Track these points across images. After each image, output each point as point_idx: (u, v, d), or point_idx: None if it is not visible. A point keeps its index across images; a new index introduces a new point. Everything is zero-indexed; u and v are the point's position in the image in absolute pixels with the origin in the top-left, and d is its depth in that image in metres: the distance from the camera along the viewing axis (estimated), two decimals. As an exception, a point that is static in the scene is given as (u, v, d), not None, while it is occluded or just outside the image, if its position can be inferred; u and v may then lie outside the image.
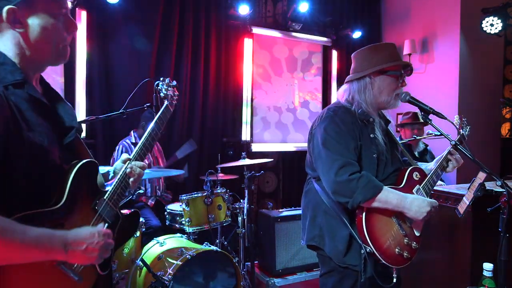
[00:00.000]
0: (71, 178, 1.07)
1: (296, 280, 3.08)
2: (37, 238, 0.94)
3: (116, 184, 1.24)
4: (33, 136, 1.01)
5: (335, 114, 1.69)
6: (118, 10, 3.64)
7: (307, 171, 1.84)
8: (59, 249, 0.97)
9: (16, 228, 0.91)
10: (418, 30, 4.81)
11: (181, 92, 4.04)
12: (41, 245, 0.94)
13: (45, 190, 1.04)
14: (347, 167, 1.56)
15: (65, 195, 1.05)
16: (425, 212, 1.59)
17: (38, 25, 1.06)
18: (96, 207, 1.16)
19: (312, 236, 1.74)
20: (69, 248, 0.99)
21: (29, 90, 1.05)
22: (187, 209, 2.82)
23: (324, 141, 1.64)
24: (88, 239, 1.03)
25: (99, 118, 2.00)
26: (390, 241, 1.61)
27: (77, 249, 1.00)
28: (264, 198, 4.74)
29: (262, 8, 4.69)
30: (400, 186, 1.69)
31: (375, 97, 1.72)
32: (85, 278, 1.09)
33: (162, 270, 2.39)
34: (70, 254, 0.99)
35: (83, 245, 1.01)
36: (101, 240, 1.06)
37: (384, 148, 1.72)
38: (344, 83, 1.82)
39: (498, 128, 4.88)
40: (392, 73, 1.71)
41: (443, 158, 1.83)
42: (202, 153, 4.17)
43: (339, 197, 1.57)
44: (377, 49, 1.76)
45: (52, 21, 1.08)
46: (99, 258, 1.07)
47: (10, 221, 0.91)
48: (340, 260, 1.64)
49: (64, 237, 0.99)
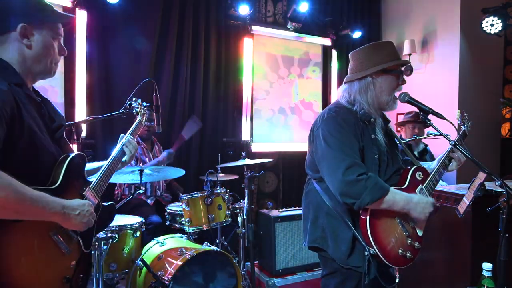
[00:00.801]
0: (65, 165, 1.28)
1: (296, 280, 3.08)
2: (42, 197, 1.13)
3: (101, 173, 1.49)
4: (32, 124, 1.20)
5: (337, 115, 1.66)
6: (118, 10, 3.63)
7: (307, 172, 1.82)
8: (58, 210, 1.18)
9: (25, 187, 1.09)
10: (418, 30, 4.81)
11: (181, 92, 4.05)
12: (45, 202, 1.13)
13: (44, 171, 1.25)
14: (355, 168, 1.54)
15: (60, 179, 1.25)
16: (428, 212, 1.61)
17: (41, 41, 1.29)
18: (83, 193, 1.37)
19: (315, 238, 1.72)
20: (65, 210, 1.20)
21: (26, 91, 1.26)
22: (187, 209, 2.82)
23: (328, 142, 1.61)
24: (80, 207, 1.26)
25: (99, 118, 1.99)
26: (393, 242, 1.60)
27: (72, 214, 1.22)
28: (264, 198, 4.74)
29: (262, 8, 4.69)
30: (403, 186, 1.68)
31: (377, 97, 1.70)
32: (72, 252, 1.30)
33: (162, 270, 2.39)
34: (66, 216, 1.20)
35: (77, 211, 1.24)
36: (90, 210, 1.30)
37: (385, 148, 1.71)
38: (344, 83, 1.79)
39: (498, 128, 4.88)
40: (394, 72, 1.70)
41: (445, 156, 1.83)
42: (202, 153, 4.17)
43: (346, 198, 1.55)
44: (378, 48, 1.73)
45: (52, 41, 1.32)
46: (87, 224, 1.28)
47: (20, 182, 1.08)
48: (343, 262, 1.63)
49: (62, 201, 1.20)
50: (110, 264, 2.42)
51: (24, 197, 1.07)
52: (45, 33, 1.30)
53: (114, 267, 2.44)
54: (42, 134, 1.23)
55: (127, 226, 2.50)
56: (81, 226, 1.27)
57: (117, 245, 2.44)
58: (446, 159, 1.82)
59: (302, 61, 4.99)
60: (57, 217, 1.18)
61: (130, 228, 2.52)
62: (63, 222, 1.22)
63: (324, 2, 4.91)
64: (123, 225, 2.49)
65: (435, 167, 1.81)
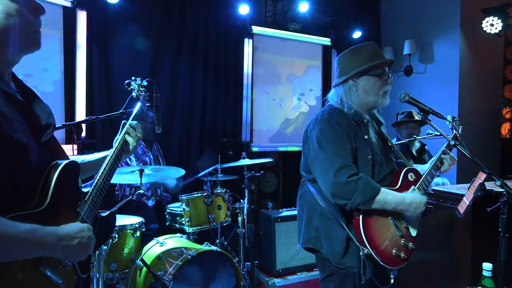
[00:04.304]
0: (55, 179, 1.03)
1: (296, 280, 3.08)
2: (30, 231, 0.91)
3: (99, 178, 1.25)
4: (11, 131, 0.96)
5: (330, 117, 1.69)
6: (118, 10, 3.63)
7: (302, 173, 1.84)
8: (52, 243, 0.96)
9: (7, 222, 0.88)
10: (418, 30, 4.80)
11: (181, 92, 4.05)
12: (35, 237, 0.92)
13: (25, 188, 1.00)
14: (346, 169, 1.56)
15: (49, 197, 1.02)
16: (420, 210, 1.65)
17: (0, 12, 0.99)
18: (78, 209, 1.14)
19: (308, 239, 1.74)
20: (61, 242, 0.98)
21: (1, 86, 1.00)
22: (187, 209, 2.82)
23: (321, 143, 1.64)
24: (79, 233, 1.03)
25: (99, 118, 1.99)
26: (387, 242, 1.62)
27: (70, 244, 1.00)
28: (264, 198, 4.74)
29: (262, 8, 4.69)
30: (396, 187, 1.70)
31: (360, 98, 1.72)
32: (67, 282, 1.07)
33: (162, 270, 2.39)
34: (63, 249, 0.99)
35: (75, 240, 1.01)
36: (91, 235, 1.07)
37: (378, 149, 1.73)
38: (332, 87, 1.83)
39: (498, 128, 4.87)
40: (374, 73, 1.71)
41: (437, 158, 1.84)
42: (202, 153, 4.17)
43: (338, 199, 1.57)
44: (357, 51, 1.76)
45: (15, 6, 1.01)
46: (86, 255, 1.08)
47: (0, 217, 0.88)
48: (338, 262, 1.64)
49: (56, 231, 0.98)
50: (110, 264, 2.42)
51: (7, 237, 0.86)
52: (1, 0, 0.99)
53: (114, 267, 2.44)
54: (22, 139, 0.98)
55: (127, 226, 2.50)
56: (80, 256, 1.06)
57: (117, 245, 2.44)
58: (438, 161, 1.84)
59: (302, 61, 4.98)
60: (54, 252, 0.99)
61: (130, 228, 2.52)
62: (61, 256, 1.02)
63: (324, 2, 4.91)
64: (123, 225, 2.49)
65: (427, 169, 1.82)
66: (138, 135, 1.43)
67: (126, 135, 1.41)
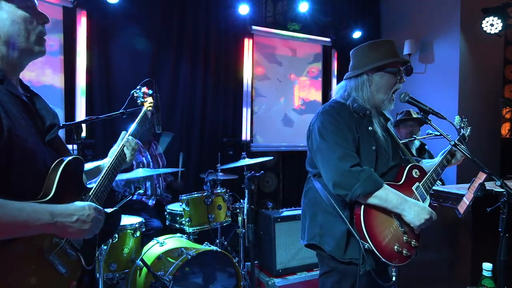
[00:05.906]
0: (59, 173, 1.08)
1: (296, 280, 3.08)
2: (23, 208, 0.94)
3: (102, 177, 1.29)
4: (14, 127, 1.00)
5: (331, 108, 1.70)
6: (118, 10, 3.64)
7: (307, 168, 1.83)
8: (46, 220, 0.97)
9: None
10: (418, 30, 4.80)
11: (181, 92, 4.05)
12: (26, 215, 0.94)
13: (31, 185, 1.05)
14: (347, 158, 1.56)
15: (53, 190, 1.06)
16: (423, 219, 1.58)
17: (7, 19, 1.05)
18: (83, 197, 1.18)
19: (313, 235, 1.73)
20: (57, 219, 0.99)
21: (8, 87, 1.05)
22: (187, 209, 2.82)
23: (322, 134, 1.64)
24: (78, 211, 1.05)
25: (99, 118, 1.99)
26: (389, 238, 1.60)
27: (67, 221, 1.02)
28: (264, 198, 4.74)
29: (262, 8, 4.68)
30: (400, 182, 1.68)
31: (372, 94, 1.72)
32: (71, 272, 1.10)
33: (162, 270, 2.39)
34: (59, 226, 1.01)
35: (73, 217, 1.04)
36: (92, 213, 1.08)
37: (384, 143, 1.72)
38: (343, 79, 1.81)
39: (498, 128, 4.87)
40: (390, 70, 1.71)
41: (444, 157, 1.83)
42: (202, 153, 4.17)
43: (339, 189, 1.56)
44: (376, 46, 1.76)
45: (20, 13, 1.07)
46: (90, 232, 1.09)
47: None
48: (341, 257, 1.63)
49: (51, 208, 1.00)
50: (110, 264, 2.42)
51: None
52: (7, 7, 1.05)
53: (114, 267, 2.44)
54: (28, 137, 1.04)
55: (127, 226, 2.50)
56: (82, 234, 1.07)
57: (117, 245, 2.44)
58: (445, 160, 1.83)
59: (302, 61, 4.99)
60: (48, 228, 0.99)
61: (130, 228, 2.52)
62: (59, 233, 1.04)
63: (324, 2, 4.91)
64: (123, 225, 2.49)
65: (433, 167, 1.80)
66: (135, 149, 1.52)
67: (124, 148, 1.49)
